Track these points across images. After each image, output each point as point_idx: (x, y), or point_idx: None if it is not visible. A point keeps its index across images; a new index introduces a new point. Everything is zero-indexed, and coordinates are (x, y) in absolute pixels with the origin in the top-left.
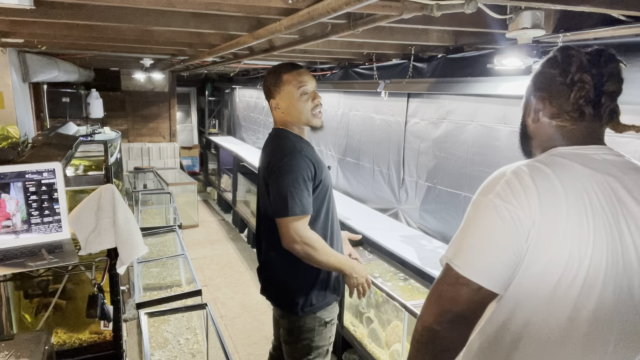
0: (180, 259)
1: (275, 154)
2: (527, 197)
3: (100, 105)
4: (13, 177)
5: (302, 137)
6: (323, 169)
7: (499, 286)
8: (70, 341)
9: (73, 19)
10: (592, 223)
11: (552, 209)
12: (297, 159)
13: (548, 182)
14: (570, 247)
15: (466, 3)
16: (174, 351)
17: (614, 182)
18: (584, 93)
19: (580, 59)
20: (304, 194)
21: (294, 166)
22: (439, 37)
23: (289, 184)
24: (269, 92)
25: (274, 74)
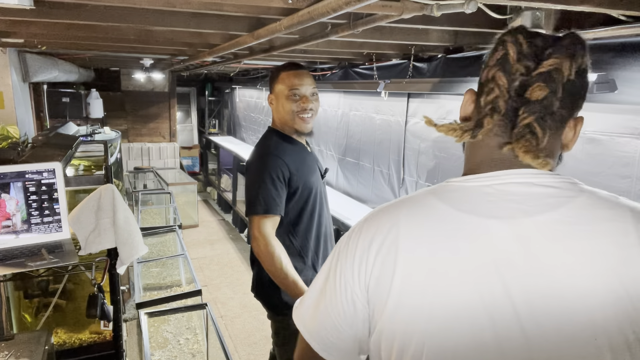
0: (180, 259)
1: (254, 154)
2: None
3: (100, 105)
4: (13, 177)
5: (291, 137)
6: (306, 171)
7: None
8: (70, 341)
9: (73, 19)
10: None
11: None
12: (268, 159)
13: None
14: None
15: (466, 3)
16: (174, 351)
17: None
18: (491, 98)
19: (513, 47)
20: (269, 194)
21: (263, 166)
22: (439, 37)
23: (255, 183)
24: (269, 87)
25: (276, 70)
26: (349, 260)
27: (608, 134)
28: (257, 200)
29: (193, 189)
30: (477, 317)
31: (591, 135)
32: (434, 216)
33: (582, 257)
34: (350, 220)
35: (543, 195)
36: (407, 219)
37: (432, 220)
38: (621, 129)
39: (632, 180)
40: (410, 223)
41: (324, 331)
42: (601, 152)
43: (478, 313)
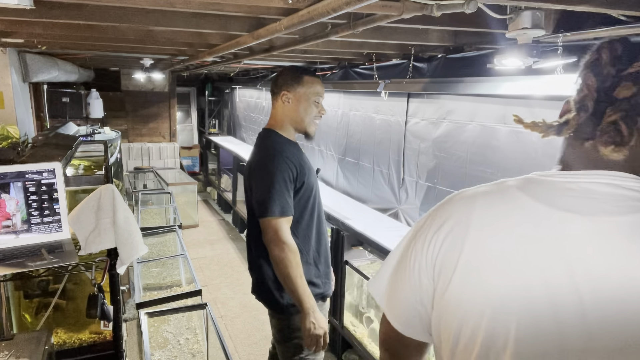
0: (180, 259)
1: (259, 155)
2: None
3: (100, 105)
4: (13, 177)
5: (289, 139)
6: (307, 172)
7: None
8: (70, 341)
9: (73, 19)
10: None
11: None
12: (278, 160)
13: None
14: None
15: (466, 3)
16: (174, 351)
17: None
18: (579, 97)
19: (606, 51)
20: (283, 196)
21: (275, 168)
22: (439, 37)
23: (269, 185)
24: (283, 84)
25: (295, 71)
26: (422, 237)
27: None
28: (273, 202)
29: (193, 189)
30: (539, 301)
31: None
32: (510, 202)
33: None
34: (350, 220)
35: (627, 197)
36: (483, 202)
37: (507, 206)
38: None
39: None
40: (486, 206)
41: (399, 307)
42: None
43: (540, 297)
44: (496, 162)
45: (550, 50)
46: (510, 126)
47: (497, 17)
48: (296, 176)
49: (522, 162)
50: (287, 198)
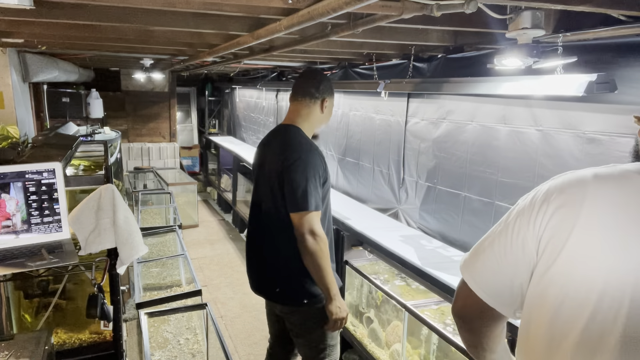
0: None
1: (294, 149)
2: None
3: (100, 105)
4: (13, 177)
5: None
6: (328, 172)
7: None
8: (70, 341)
9: (73, 19)
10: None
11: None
12: (314, 156)
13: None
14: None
15: (466, 3)
16: (174, 351)
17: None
18: None
19: None
20: (318, 191)
21: (312, 163)
22: (439, 37)
23: (307, 179)
24: (325, 92)
25: (329, 82)
26: (528, 213)
27: (608, 134)
28: (310, 196)
29: (193, 189)
30: (624, 290)
31: (591, 135)
32: (628, 184)
33: None
34: (350, 220)
35: None
36: (598, 182)
37: (625, 186)
38: (621, 129)
39: None
40: (601, 186)
41: (489, 278)
42: (601, 152)
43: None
44: (496, 162)
45: (550, 50)
46: (511, 126)
47: (497, 17)
48: (323, 173)
49: (522, 162)
50: (319, 193)
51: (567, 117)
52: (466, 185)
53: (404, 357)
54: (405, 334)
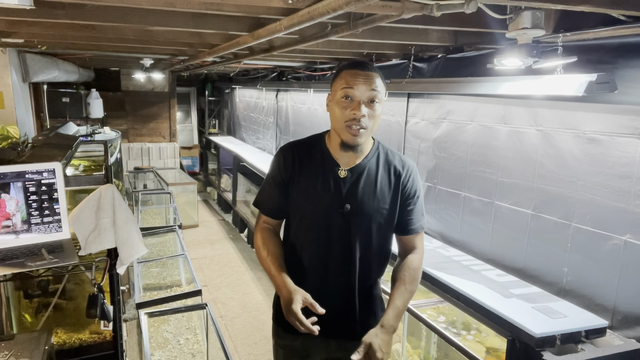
0: (180, 259)
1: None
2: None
3: (100, 105)
4: (13, 177)
5: (324, 148)
6: (310, 182)
7: None
8: (70, 341)
9: (73, 19)
10: None
11: None
12: (276, 156)
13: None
14: None
15: (466, 3)
16: (174, 351)
17: None
18: None
19: None
20: (265, 191)
21: (271, 163)
22: (439, 37)
23: (265, 178)
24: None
25: (339, 67)
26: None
27: (608, 134)
28: (258, 194)
29: (193, 189)
30: None
31: (591, 135)
32: None
33: None
34: None
35: None
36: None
37: None
38: (621, 129)
39: (632, 180)
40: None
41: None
42: (601, 152)
43: None
44: (496, 162)
45: (550, 50)
46: (510, 126)
47: (497, 17)
48: (288, 178)
49: (522, 162)
50: (269, 195)
51: (567, 117)
52: (466, 185)
53: (404, 357)
54: (405, 334)
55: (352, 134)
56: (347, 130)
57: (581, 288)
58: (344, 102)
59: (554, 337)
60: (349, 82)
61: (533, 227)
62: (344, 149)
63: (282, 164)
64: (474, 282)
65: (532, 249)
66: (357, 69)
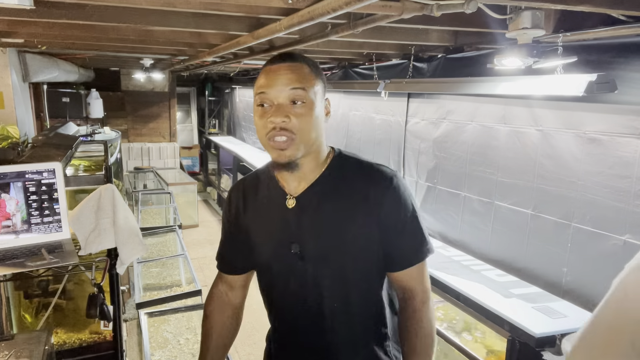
0: (180, 259)
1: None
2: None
3: (100, 105)
4: (13, 177)
5: (272, 175)
6: (256, 220)
7: None
8: (70, 341)
9: (73, 19)
10: None
11: None
12: (225, 199)
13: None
14: None
15: (466, 3)
16: (174, 351)
17: None
18: None
19: None
20: (220, 243)
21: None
22: (439, 37)
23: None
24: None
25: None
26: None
27: (608, 134)
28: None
29: (193, 189)
30: None
31: (591, 135)
32: None
33: None
34: None
35: None
36: None
37: None
38: (621, 129)
39: (632, 180)
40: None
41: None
42: (601, 152)
43: None
44: (496, 162)
45: (550, 50)
46: (510, 126)
47: (497, 17)
48: (234, 221)
49: (521, 162)
50: (223, 247)
51: (567, 117)
52: (466, 185)
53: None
54: None
55: (278, 148)
56: (270, 145)
57: (581, 288)
58: (260, 111)
59: (554, 337)
60: (261, 85)
61: (533, 227)
62: (278, 169)
63: (227, 208)
64: (474, 282)
65: (532, 249)
66: (271, 64)
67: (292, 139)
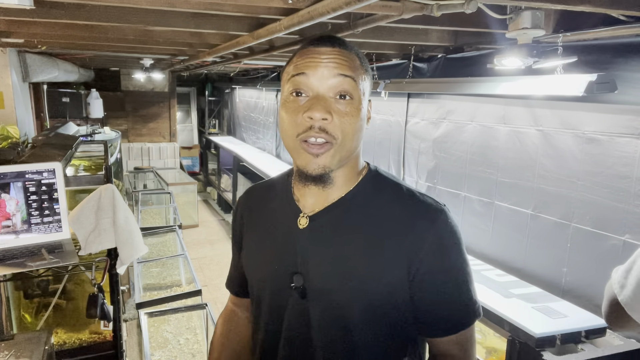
0: (180, 259)
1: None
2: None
3: (100, 105)
4: (13, 177)
5: (288, 187)
6: (257, 240)
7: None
8: (70, 341)
9: (73, 19)
10: None
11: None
12: (234, 206)
13: None
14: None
15: (466, 3)
16: (174, 351)
17: None
18: None
19: None
20: (231, 264)
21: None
22: (439, 37)
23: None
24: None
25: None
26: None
27: (608, 134)
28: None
29: (193, 189)
30: None
31: (591, 135)
32: None
33: None
34: None
35: None
36: None
37: None
38: (621, 129)
39: (632, 180)
40: None
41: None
42: (601, 152)
43: None
44: (496, 162)
45: (550, 50)
46: (510, 126)
47: (497, 17)
48: (239, 237)
49: (521, 162)
50: (232, 267)
51: (567, 117)
52: (466, 185)
53: None
54: None
55: (311, 154)
56: (301, 149)
57: (581, 288)
58: (293, 102)
59: (554, 337)
60: (300, 65)
61: (533, 227)
62: (303, 181)
63: (234, 219)
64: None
65: (532, 249)
66: (316, 45)
67: (331, 143)
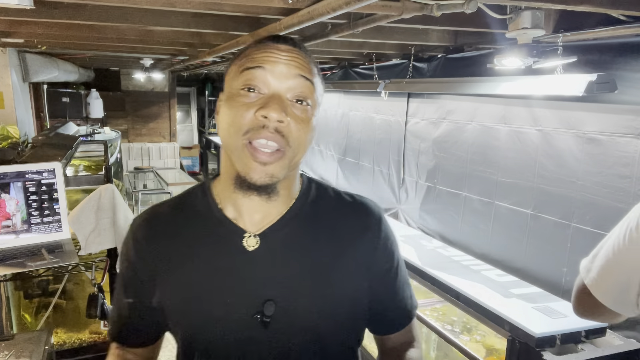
0: None
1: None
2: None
3: (100, 105)
4: (13, 177)
5: (210, 203)
6: (190, 273)
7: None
8: (70, 341)
9: (73, 19)
10: None
11: None
12: (124, 243)
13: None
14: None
15: (466, 3)
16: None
17: None
18: None
19: None
20: (114, 304)
21: (119, 256)
22: (439, 37)
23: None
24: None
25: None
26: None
27: (608, 134)
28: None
29: None
30: None
31: (591, 135)
32: None
33: None
34: None
35: None
36: None
37: None
38: (621, 129)
39: (632, 180)
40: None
41: (614, 287)
42: (601, 152)
43: None
44: (496, 162)
45: (550, 50)
46: (511, 126)
47: (497, 17)
48: (127, 271)
49: (522, 162)
50: (118, 318)
51: (567, 117)
52: (466, 185)
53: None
54: None
55: (258, 160)
56: (248, 152)
57: None
58: (245, 97)
59: (554, 337)
60: (257, 59)
61: (533, 227)
62: (244, 190)
63: (128, 258)
64: (474, 282)
65: (532, 249)
66: (274, 42)
67: (283, 151)
